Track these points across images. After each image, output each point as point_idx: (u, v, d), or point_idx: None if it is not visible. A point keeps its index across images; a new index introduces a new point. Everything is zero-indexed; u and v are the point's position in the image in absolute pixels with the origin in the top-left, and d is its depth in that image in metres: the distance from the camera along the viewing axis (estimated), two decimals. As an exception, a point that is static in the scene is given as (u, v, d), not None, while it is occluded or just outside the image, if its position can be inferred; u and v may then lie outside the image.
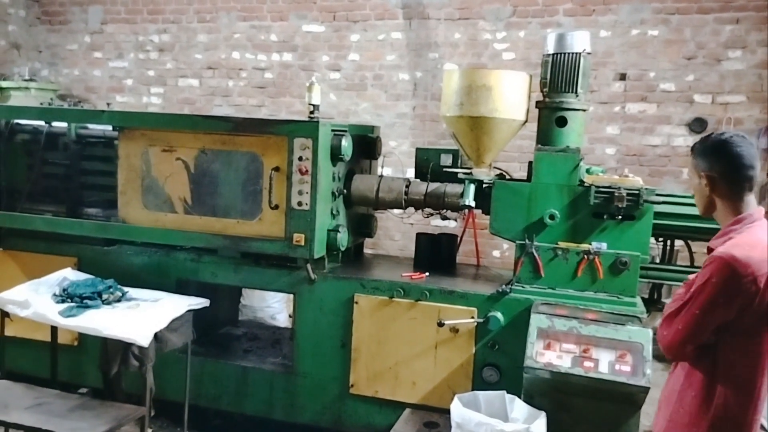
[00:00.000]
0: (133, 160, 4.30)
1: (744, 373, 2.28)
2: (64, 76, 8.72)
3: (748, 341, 2.26)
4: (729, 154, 2.32)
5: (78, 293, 3.81)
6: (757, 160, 2.31)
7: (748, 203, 2.33)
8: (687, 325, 2.27)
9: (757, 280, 2.17)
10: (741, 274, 2.17)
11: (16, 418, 3.40)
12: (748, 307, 2.19)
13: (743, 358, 2.27)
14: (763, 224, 2.31)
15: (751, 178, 2.30)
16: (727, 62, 6.41)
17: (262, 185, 4.04)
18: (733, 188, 2.33)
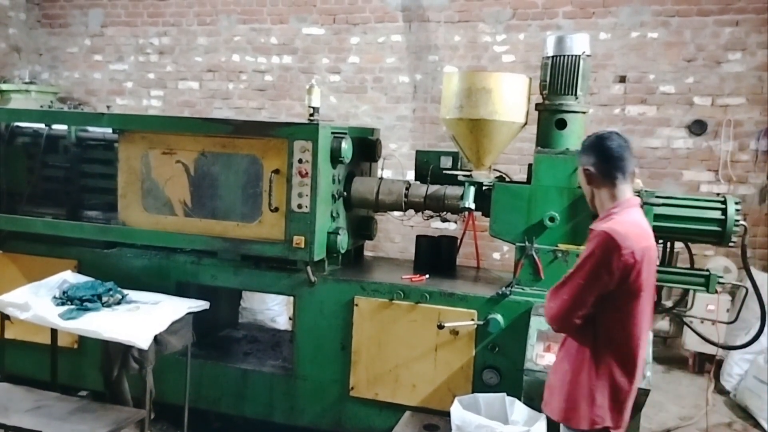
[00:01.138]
0: (133, 163, 4.30)
1: (624, 347, 2.50)
2: (64, 78, 8.73)
3: (625, 315, 2.48)
4: (600, 148, 2.61)
5: (78, 296, 3.81)
6: (627, 152, 2.59)
7: (624, 191, 2.59)
8: (572, 295, 2.49)
9: (634, 254, 2.41)
10: (621, 246, 2.40)
11: (16, 421, 3.39)
12: (626, 278, 2.42)
13: (621, 332, 2.50)
14: (638, 209, 2.61)
15: (622, 167, 2.57)
16: (727, 64, 6.42)
17: (262, 188, 4.04)
18: (607, 178, 2.59)
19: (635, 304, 2.48)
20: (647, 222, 2.66)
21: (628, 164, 2.60)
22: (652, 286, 2.55)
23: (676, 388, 5.71)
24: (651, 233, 2.60)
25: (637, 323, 2.50)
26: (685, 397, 5.54)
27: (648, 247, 2.49)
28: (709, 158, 6.52)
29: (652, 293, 2.57)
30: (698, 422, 4.98)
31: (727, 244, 3.74)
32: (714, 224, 3.71)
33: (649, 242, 2.53)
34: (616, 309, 2.49)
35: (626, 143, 2.63)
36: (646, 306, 2.53)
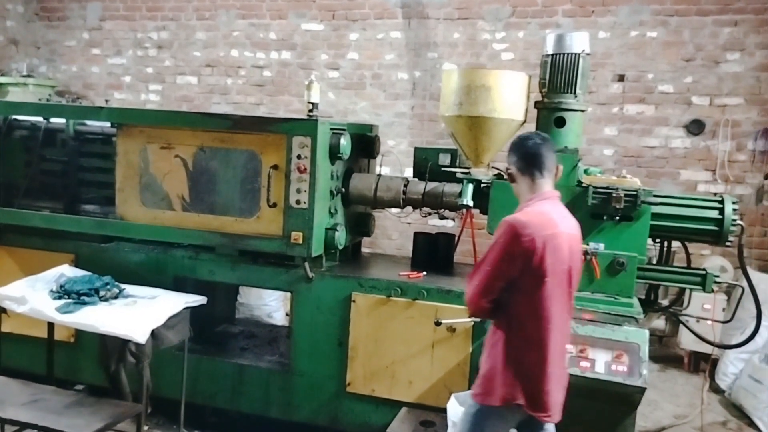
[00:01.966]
0: (131, 157, 4.30)
1: (532, 331, 2.66)
2: (62, 72, 8.70)
3: (532, 300, 2.64)
4: (519, 148, 2.82)
5: (75, 290, 3.81)
6: (544, 150, 2.77)
7: (541, 185, 2.78)
8: (481, 281, 2.68)
9: (534, 241, 2.59)
10: (521, 234, 2.59)
11: (12, 414, 3.39)
12: (529, 263, 2.60)
13: (530, 316, 2.66)
14: (554, 202, 2.78)
15: (539, 164, 2.76)
16: (726, 64, 6.42)
17: (260, 183, 4.04)
18: (526, 174, 2.79)
19: (541, 288, 2.63)
20: (563, 213, 2.80)
21: (546, 161, 2.77)
22: (561, 272, 2.68)
23: (671, 387, 5.74)
24: (563, 222, 2.73)
25: (546, 307, 2.64)
26: (681, 395, 5.56)
27: (553, 234, 2.63)
28: (707, 158, 6.53)
29: (563, 279, 2.69)
30: (693, 421, 5.00)
31: (724, 243, 3.75)
32: (711, 224, 3.72)
33: (556, 230, 2.65)
34: (523, 293, 2.65)
35: (544, 143, 2.81)
36: (555, 290, 2.66)
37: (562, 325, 2.75)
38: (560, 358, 2.76)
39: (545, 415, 2.74)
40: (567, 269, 2.71)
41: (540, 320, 2.66)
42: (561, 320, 2.72)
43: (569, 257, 2.71)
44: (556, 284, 2.67)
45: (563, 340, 2.78)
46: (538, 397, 2.69)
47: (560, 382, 2.77)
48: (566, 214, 2.83)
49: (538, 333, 2.66)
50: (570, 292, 2.77)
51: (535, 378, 2.68)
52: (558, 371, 2.74)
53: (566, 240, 2.70)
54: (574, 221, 2.86)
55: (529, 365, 2.68)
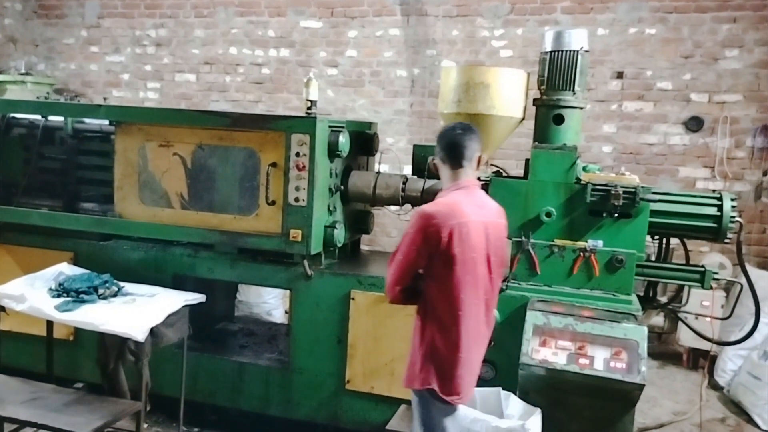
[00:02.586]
0: (130, 155, 4.29)
1: (445, 317, 2.75)
2: (60, 70, 8.69)
3: (442, 287, 2.73)
4: (441, 138, 2.91)
5: (74, 288, 3.81)
6: (466, 141, 2.84)
7: (461, 175, 2.86)
8: (395, 269, 2.79)
9: (441, 230, 2.68)
10: (428, 224, 2.70)
11: (12, 413, 3.39)
12: (436, 252, 2.69)
13: (443, 303, 2.75)
14: (470, 191, 2.85)
15: (458, 154, 2.83)
16: (724, 61, 6.42)
17: (259, 181, 4.04)
18: (446, 164, 2.88)
19: (451, 275, 2.71)
20: (479, 201, 2.88)
21: (465, 152, 2.84)
22: (472, 259, 2.74)
23: (670, 384, 5.74)
24: (475, 211, 2.79)
25: (455, 293, 2.73)
26: (679, 392, 5.57)
27: (461, 223, 2.71)
28: (706, 155, 6.53)
29: (475, 266, 2.76)
30: (692, 417, 5.01)
31: (723, 240, 3.76)
32: (710, 220, 3.73)
33: (464, 219, 2.73)
34: (434, 280, 2.76)
35: (465, 133, 2.87)
36: (466, 277, 2.74)
37: (476, 311, 2.80)
38: (474, 343, 2.83)
39: (456, 398, 2.81)
40: (482, 256, 2.78)
41: (450, 306, 2.74)
42: (474, 306, 2.78)
43: (485, 244, 2.79)
44: (467, 271, 2.74)
45: (477, 326, 2.83)
46: (450, 382, 2.77)
47: (473, 368, 2.86)
48: (483, 203, 2.91)
49: (449, 318, 2.75)
50: (491, 278, 2.85)
51: (446, 363, 2.76)
52: (471, 356, 2.81)
53: (479, 228, 2.77)
54: (494, 209, 2.94)
55: (442, 350, 2.76)
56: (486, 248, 2.80)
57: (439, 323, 2.77)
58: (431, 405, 2.81)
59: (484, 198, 2.95)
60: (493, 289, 2.89)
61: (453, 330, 2.75)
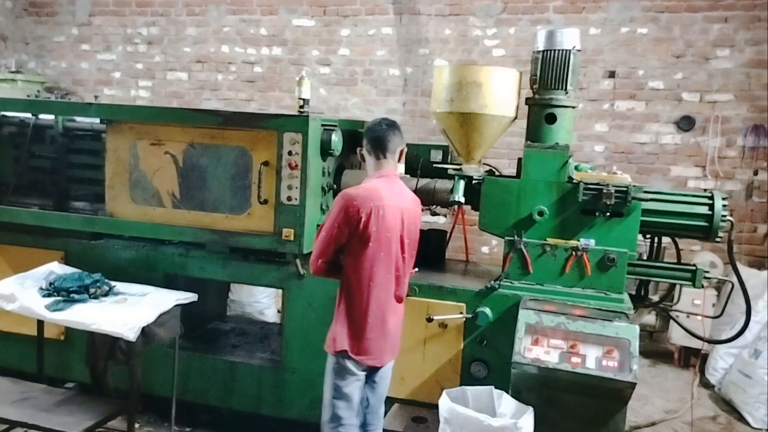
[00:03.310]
0: (121, 154, 4.27)
1: (358, 287, 3.11)
2: (51, 68, 8.64)
3: (358, 261, 3.09)
4: (368, 132, 3.24)
5: (65, 287, 3.78)
6: (390, 135, 3.19)
7: (383, 165, 3.21)
8: (319, 245, 3.13)
9: (360, 210, 3.03)
10: (348, 205, 3.04)
11: (2, 413, 3.38)
12: (354, 230, 3.04)
13: (358, 275, 3.10)
14: (390, 179, 3.20)
15: (383, 147, 3.18)
16: (716, 61, 6.46)
17: (251, 180, 4.03)
18: (371, 155, 3.22)
19: (365, 251, 3.07)
20: (397, 189, 3.21)
21: (389, 145, 3.20)
22: (386, 239, 3.10)
23: (661, 382, 5.77)
24: (393, 196, 3.14)
25: (368, 267, 3.09)
26: (671, 390, 5.59)
27: (378, 206, 3.05)
28: (697, 154, 6.57)
29: (389, 245, 3.11)
30: (683, 415, 5.04)
31: (714, 239, 3.77)
32: (701, 219, 3.74)
33: (381, 202, 3.07)
34: (352, 255, 3.10)
35: (389, 128, 3.21)
36: (379, 254, 3.09)
37: (387, 284, 3.15)
38: (385, 313, 3.17)
39: (365, 357, 3.15)
40: (396, 237, 3.13)
41: (363, 278, 3.10)
42: (385, 280, 3.14)
43: (400, 227, 3.15)
44: (381, 248, 3.09)
45: (388, 297, 3.18)
46: (359, 343, 3.13)
47: (382, 334, 3.17)
48: (401, 191, 3.26)
49: (362, 289, 3.11)
50: (404, 258, 3.21)
51: (358, 327, 3.12)
52: (381, 324, 3.16)
53: (395, 212, 3.12)
54: (410, 198, 3.31)
55: (355, 316, 3.13)
56: (401, 230, 3.16)
57: (353, 293, 3.13)
58: (343, 369, 3.16)
59: (402, 187, 3.30)
60: (404, 267, 3.25)
61: (364, 299, 3.11)
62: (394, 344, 3.29)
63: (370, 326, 3.13)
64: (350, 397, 3.18)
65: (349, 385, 3.17)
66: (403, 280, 3.26)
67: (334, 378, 3.19)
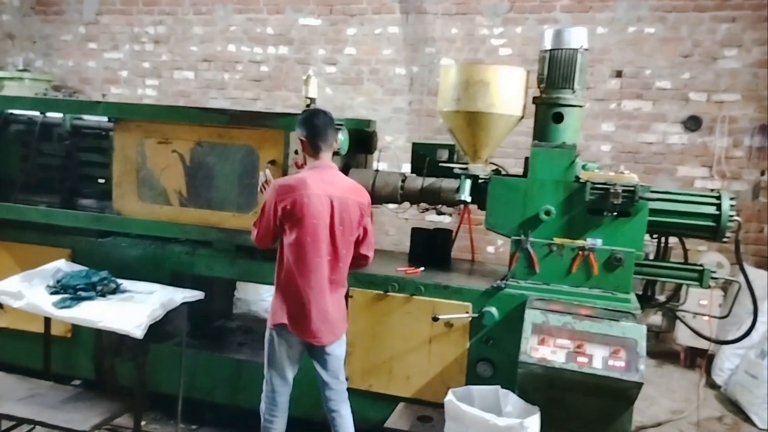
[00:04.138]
0: (128, 152, 4.28)
1: (292, 268, 3.35)
2: (58, 66, 8.67)
3: (291, 243, 3.33)
4: (307, 123, 3.41)
5: (72, 285, 3.80)
6: (328, 128, 3.40)
7: (321, 157, 3.41)
8: (259, 228, 3.42)
9: (285, 199, 3.28)
10: (278, 194, 3.30)
11: (9, 410, 3.39)
12: (285, 215, 3.29)
13: (291, 256, 3.34)
14: (322, 170, 3.39)
15: (320, 139, 3.38)
16: (723, 60, 6.42)
17: (257, 178, 4.03)
18: (309, 146, 3.40)
19: (293, 236, 3.30)
20: (329, 178, 3.37)
21: (327, 138, 3.40)
22: (313, 225, 3.29)
23: (667, 382, 5.75)
24: (323, 186, 3.32)
25: (298, 249, 3.32)
26: (677, 391, 5.58)
27: (305, 194, 3.27)
28: (704, 154, 6.54)
29: (317, 230, 3.30)
30: (689, 416, 5.02)
31: (721, 239, 3.76)
32: (708, 219, 3.73)
33: (308, 191, 3.28)
34: (286, 237, 3.34)
35: (327, 123, 3.41)
36: (306, 238, 3.30)
37: (318, 267, 3.34)
38: (319, 293, 3.36)
39: (311, 338, 3.39)
40: (322, 224, 3.31)
41: (293, 261, 3.33)
42: (315, 264, 3.33)
43: (328, 215, 3.32)
44: (307, 234, 3.30)
45: (321, 279, 3.36)
46: (300, 322, 3.36)
47: (318, 314, 3.37)
48: (332, 180, 3.40)
49: (291, 270, 3.34)
50: (335, 243, 3.36)
51: (295, 305, 3.36)
52: (313, 305, 3.35)
53: (321, 200, 3.30)
54: (345, 187, 3.43)
55: (290, 294, 3.37)
56: (330, 216, 3.33)
57: (286, 273, 3.38)
58: (274, 341, 3.43)
59: (335, 177, 3.44)
60: (337, 251, 3.38)
61: (295, 280, 3.34)
62: (333, 325, 3.45)
63: (303, 306, 3.35)
64: (281, 367, 3.46)
65: (280, 356, 3.44)
66: (338, 265, 3.41)
67: (267, 348, 3.48)
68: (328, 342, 3.46)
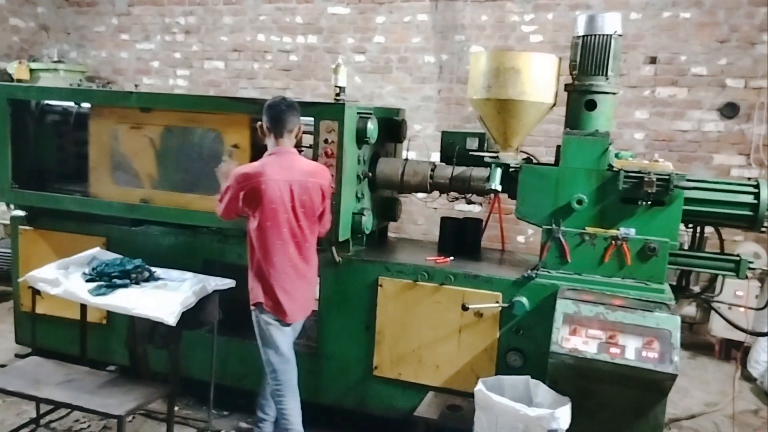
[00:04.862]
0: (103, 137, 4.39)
1: (256, 251, 3.52)
2: (91, 57, 8.80)
3: (256, 227, 3.47)
4: (268, 110, 3.53)
5: (107, 272, 3.87)
6: (287, 115, 3.50)
7: (281, 143, 3.53)
8: (223, 207, 3.58)
9: (246, 185, 3.43)
10: (238, 180, 3.46)
11: (47, 394, 3.47)
12: (246, 200, 3.45)
13: (257, 239, 3.49)
14: (281, 156, 3.51)
15: (281, 126, 3.50)
16: (761, 46, 6.25)
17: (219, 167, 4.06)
18: (270, 132, 3.54)
19: (255, 220, 3.47)
20: (287, 164, 3.50)
21: (287, 125, 3.51)
22: (273, 210, 3.43)
23: (701, 374, 5.66)
24: (280, 172, 3.45)
25: (259, 234, 3.47)
26: (711, 383, 5.49)
27: (263, 180, 3.40)
28: (741, 142, 6.39)
29: (277, 215, 3.43)
30: (724, 409, 4.94)
31: (759, 229, 3.68)
32: (746, 209, 3.65)
33: (267, 177, 3.41)
34: (251, 221, 3.50)
35: (288, 109, 3.52)
36: (267, 223, 3.44)
37: (283, 249, 3.49)
38: (288, 274, 3.52)
39: (282, 316, 3.53)
40: (282, 208, 3.44)
41: (260, 244, 3.49)
42: (279, 246, 3.48)
43: (288, 199, 3.45)
44: (268, 218, 3.44)
45: (287, 260, 3.51)
46: (270, 299, 3.51)
47: (287, 294, 3.52)
48: (291, 165, 3.51)
49: (261, 251, 3.49)
50: (299, 225, 3.51)
51: (265, 283, 3.50)
52: (281, 284, 3.51)
53: (280, 185, 3.43)
54: (304, 170, 3.54)
55: (262, 273, 3.51)
56: (291, 200, 3.46)
57: (255, 255, 3.53)
58: (263, 319, 3.55)
59: (295, 162, 3.56)
60: (302, 232, 3.53)
61: (263, 261, 3.50)
62: (303, 303, 3.65)
63: (271, 286, 3.50)
64: (276, 344, 3.56)
65: (272, 334, 3.55)
66: (304, 245, 3.57)
67: (257, 330, 3.59)
68: (296, 320, 3.63)
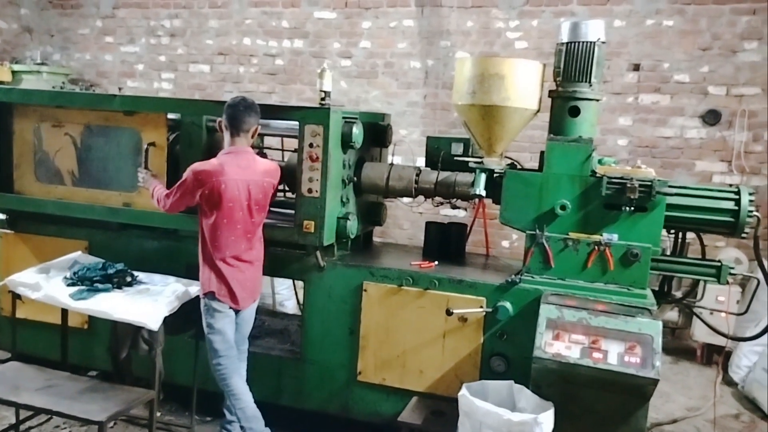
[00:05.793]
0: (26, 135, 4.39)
1: (208, 244, 3.65)
2: (75, 60, 8.74)
3: (209, 222, 3.62)
4: (228, 110, 3.64)
5: (88, 276, 3.83)
6: (245, 115, 3.61)
7: (237, 142, 3.65)
8: (172, 200, 3.67)
9: (204, 183, 3.52)
10: (195, 178, 3.54)
11: (27, 399, 3.43)
12: (201, 197, 3.55)
13: (210, 233, 3.63)
14: (238, 155, 3.63)
15: (237, 126, 3.62)
16: (743, 54, 6.33)
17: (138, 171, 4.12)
18: (228, 131, 3.65)
19: (211, 216, 3.60)
20: (243, 163, 3.62)
21: (243, 125, 3.62)
22: (229, 208, 3.56)
23: (683, 379, 5.71)
24: (236, 171, 3.57)
25: (213, 230, 3.61)
26: (693, 388, 5.53)
27: (222, 180, 3.52)
28: (723, 149, 6.46)
29: (232, 211, 3.58)
30: (706, 413, 4.98)
31: (740, 235, 3.71)
32: (727, 215, 3.68)
33: (222, 177, 3.52)
34: (204, 216, 3.64)
35: (245, 110, 3.62)
36: (223, 220, 3.58)
37: (235, 243, 3.65)
38: (237, 266, 3.67)
39: (234, 303, 3.68)
40: (239, 205, 3.58)
41: (213, 238, 3.62)
42: (233, 240, 3.63)
43: (246, 196, 3.60)
44: (224, 216, 3.57)
45: (238, 252, 3.67)
46: (221, 288, 3.64)
47: (238, 283, 3.68)
48: (248, 165, 3.64)
49: (211, 247, 3.63)
50: (252, 221, 3.67)
51: (217, 276, 3.64)
52: (233, 275, 3.65)
53: (238, 185, 3.56)
54: (259, 170, 3.68)
55: (214, 267, 3.64)
56: (247, 199, 3.61)
57: (207, 248, 3.66)
58: (212, 308, 3.67)
59: (251, 161, 3.68)
60: (255, 227, 3.72)
61: (214, 254, 3.63)
62: (252, 291, 3.79)
63: (224, 276, 3.64)
64: (222, 332, 3.69)
65: (219, 321, 3.67)
66: (253, 238, 3.74)
67: (206, 317, 3.70)
68: (245, 306, 3.78)
